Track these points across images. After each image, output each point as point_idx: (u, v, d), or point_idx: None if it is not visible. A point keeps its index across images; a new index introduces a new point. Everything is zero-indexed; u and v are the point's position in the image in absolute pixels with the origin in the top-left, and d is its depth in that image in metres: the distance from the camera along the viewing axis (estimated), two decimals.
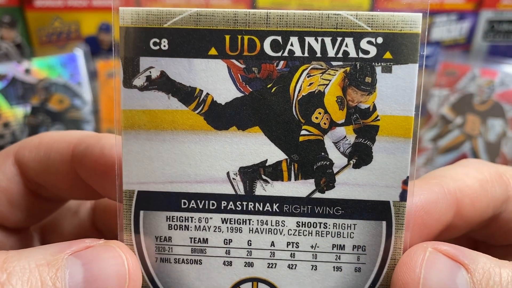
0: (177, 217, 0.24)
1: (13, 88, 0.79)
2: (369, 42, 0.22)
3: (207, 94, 0.23)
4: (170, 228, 0.24)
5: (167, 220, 0.24)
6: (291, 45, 0.22)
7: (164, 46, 0.22)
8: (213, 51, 0.22)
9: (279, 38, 0.22)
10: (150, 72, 0.23)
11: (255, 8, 0.83)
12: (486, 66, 0.82)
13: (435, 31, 0.92)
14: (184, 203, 0.24)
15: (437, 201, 0.25)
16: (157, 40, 0.22)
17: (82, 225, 0.35)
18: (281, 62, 0.22)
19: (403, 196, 0.23)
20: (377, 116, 0.23)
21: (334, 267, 0.24)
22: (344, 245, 0.24)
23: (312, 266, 0.24)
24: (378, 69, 0.22)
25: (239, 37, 0.22)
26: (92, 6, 0.86)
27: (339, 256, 0.24)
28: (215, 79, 0.23)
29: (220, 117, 0.23)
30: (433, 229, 0.26)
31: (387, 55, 0.22)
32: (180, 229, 0.24)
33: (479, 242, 0.31)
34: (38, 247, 0.22)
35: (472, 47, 0.94)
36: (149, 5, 0.66)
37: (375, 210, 0.23)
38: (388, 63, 0.22)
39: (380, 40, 0.22)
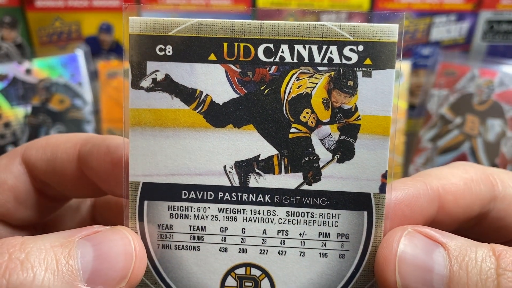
0: (178, 206, 0.27)
1: (14, 88, 0.81)
2: (351, 50, 0.25)
3: (207, 95, 0.26)
4: (171, 216, 0.27)
5: (168, 210, 0.27)
6: (282, 52, 0.25)
7: (169, 52, 0.25)
8: (212, 57, 0.25)
9: (271, 45, 0.25)
10: (156, 75, 0.26)
11: (255, 7, 0.86)
12: (485, 66, 0.84)
13: (435, 31, 0.94)
14: (185, 194, 0.27)
15: (419, 196, 0.28)
16: (163, 47, 0.25)
17: (83, 222, 0.37)
18: (273, 67, 0.25)
19: (383, 188, 0.26)
20: (359, 116, 0.26)
21: (320, 253, 0.27)
22: (329, 233, 0.27)
23: (300, 252, 0.27)
24: (359, 74, 0.25)
25: (236, 44, 0.25)
26: (92, 6, 0.88)
27: (325, 243, 0.27)
28: (214, 81, 0.26)
29: (218, 115, 0.26)
30: (415, 222, 0.28)
31: (367, 61, 0.25)
32: (180, 218, 0.27)
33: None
34: (50, 233, 0.25)
35: (471, 47, 0.95)
36: (149, 5, 0.68)
37: (357, 201, 0.26)
38: (368, 69, 0.25)
39: (361, 48, 0.25)
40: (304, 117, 0.26)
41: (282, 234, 0.27)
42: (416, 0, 0.91)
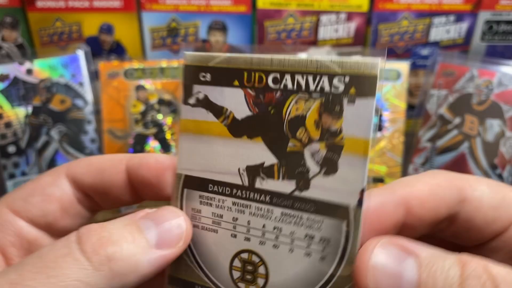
0: (205, 196, 0.36)
1: (15, 89, 0.87)
2: (339, 80, 0.32)
3: (231, 111, 0.35)
4: (200, 203, 0.37)
5: (199, 198, 0.37)
6: (286, 80, 0.33)
7: (208, 78, 0.35)
8: (236, 83, 0.35)
9: (278, 75, 0.34)
10: (198, 95, 0.36)
11: (254, 8, 0.94)
12: (484, 67, 0.89)
13: (434, 32, 1.00)
14: (210, 187, 0.36)
15: (385, 203, 0.32)
16: (204, 74, 0.35)
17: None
18: (278, 92, 0.34)
19: (360, 202, 0.31)
20: (343, 137, 0.31)
21: (305, 253, 0.33)
22: (314, 236, 0.33)
23: (290, 249, 0.34)
24: (345, 101, 0.31)
25: (253, 73, 0.34)
26: (93, 7, 0.95)
27: (310, 244, 0.33)
28: (236, 102, 0.35)
29: (238, 128, 0.35)
30: (385, 227, 0.32)
31: (352, 91, 0.31)
32: (206, 205, 0.36)
33: (460, 246, 0.37)
34: (111, 220, 0.33)
35: (470, 47, 1.01)
36: (149, 6, 0.77)
37: (338, 211, 0.32)
38: (352, 97, 0.31)
39: (347, 79, 0.32)
40: (300, 134, 0.33)
41: (277, 231, 0.34)
42: (415, 1, 0.97)
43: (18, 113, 0.89)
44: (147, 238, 0.33)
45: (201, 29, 0.99)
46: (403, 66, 0.92)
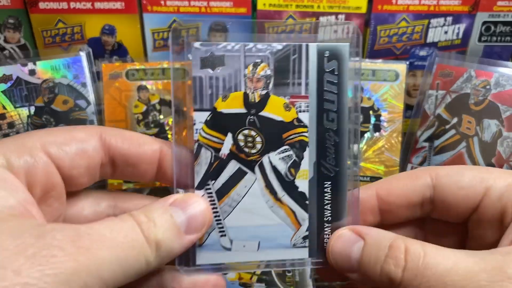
0: None
1: (18, 89, 0.89)
2: None
3: None
4: None
5: None
6: None
7: None
8: None
9: None
10: None
11: (255, 9, 0.95)
12: (481, 67, 0.91)
13: (432, 33, 1.02)
14: None
15: (362, 194, 0.44)
16: None
17: (100, 214, 0.46)
18: None
19: None
20: None
21: None
22: None
23: None
24: None
25: None
26: (95, 9, 0.96)
27: None
28: None
29: None
30: (364, 211, 0.44)
31: None
32: None
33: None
34: (143, 209, 0.37)
35: (468, 48, 1.04)
36: (150, 8, 0.79)
37: None
38: None
39: None
40: None
41: None
42: (414, 2, 1.00)
43: (21, 114, 0.90)
44: (179, 226, 0.37)
45: (202, 30, 1.01)
46: (401, 67, 0.94)
